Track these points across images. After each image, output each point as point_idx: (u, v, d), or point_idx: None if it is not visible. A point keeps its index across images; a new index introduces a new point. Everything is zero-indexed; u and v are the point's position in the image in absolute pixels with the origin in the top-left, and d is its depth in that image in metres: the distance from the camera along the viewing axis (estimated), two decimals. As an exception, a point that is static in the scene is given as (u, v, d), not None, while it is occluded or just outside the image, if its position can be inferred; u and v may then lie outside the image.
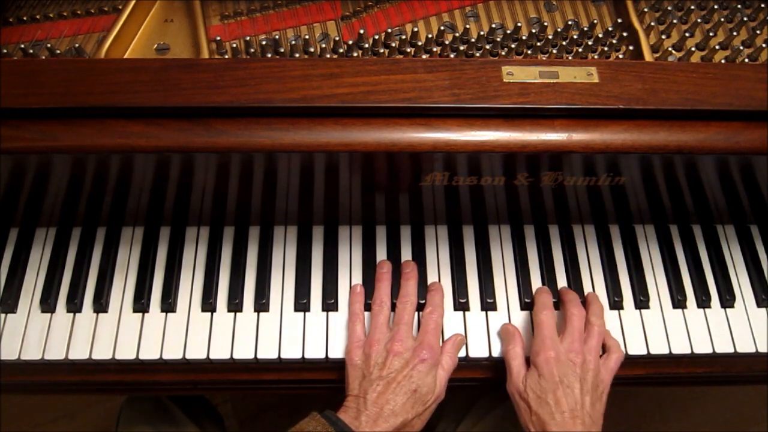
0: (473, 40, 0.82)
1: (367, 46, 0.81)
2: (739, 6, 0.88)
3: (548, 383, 0.69)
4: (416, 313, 0.79)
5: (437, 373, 0.72)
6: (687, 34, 0.84)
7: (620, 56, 0.83)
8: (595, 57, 0.83)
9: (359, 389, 0.70)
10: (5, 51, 0.79)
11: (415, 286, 0.79)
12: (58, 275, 0.81)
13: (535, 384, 0.70)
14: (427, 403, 0.71)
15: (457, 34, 0.82)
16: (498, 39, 0.81)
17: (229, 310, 0.79)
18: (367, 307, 0.79)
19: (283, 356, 0.76)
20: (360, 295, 0.80)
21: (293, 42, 0.81)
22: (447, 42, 0.81)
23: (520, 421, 0.70)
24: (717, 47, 0.83)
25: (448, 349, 0.75)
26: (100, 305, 0.78)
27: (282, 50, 0.80)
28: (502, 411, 0.90)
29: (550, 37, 0.82)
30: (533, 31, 0.84)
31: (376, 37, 0.81)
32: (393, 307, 0.78)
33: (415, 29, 0.81)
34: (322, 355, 0.77)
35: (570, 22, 0.85)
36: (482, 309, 0.81)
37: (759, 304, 0.83)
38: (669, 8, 0.86)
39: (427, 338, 0.73)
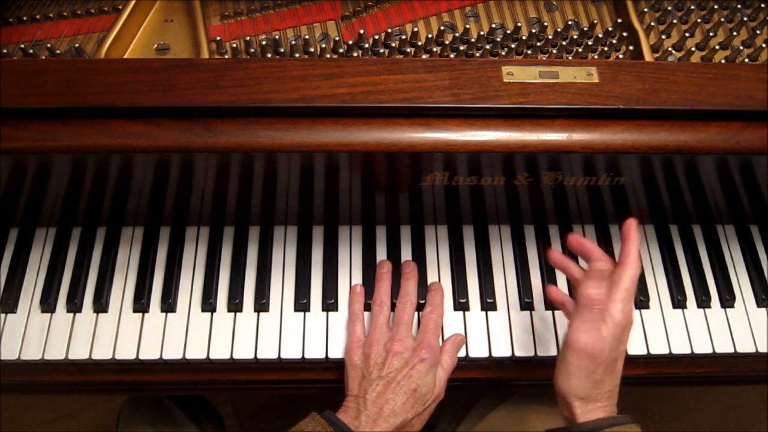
0: (473, 40, 0.82)
1: (367, 46, 0.81)
2: (739, 6, 0.88)
3: (621, 343, 0.65)
4: (416, 312, 0.79)
5: (437, 372, 0.72)
6: (687, 34, 0.84)
7: (620, 56, 0.83)
8: (595, 57, 0.83)
9: (359, 389, 0.70)
10: (5, 51, 0.79)
11: (415, 286, 0.79)
12: (58, 275, 0.81)
13: (612, 331, 0.64)
14: (426, 402, 0.71)
15: (457, 34, 0.82)
16: (498, 39, 0.81)
17: (229, 310, 0.79)
18: (367, 307, 0.79)
19: (283, 356, 0.76)
20: (360, 295, 0.80)
21: (293, 42, 0.81)
22: (447, 42, 0.81)
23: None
24: (717, 47, 0.83)
25: (447, 349, 0.76)
26: (100, 305, 0.78)
27: (282, 50, 0.80)
28: (501, 411, 0.90)
29: (550, 37, 0.82)
30: (533, 31, 0.84)
31: (376, 37, 0.81)
32: (393, 307, 0.78)
33: (415, 29, 0.81)
34: (322, 355, 0.77)
35: (570, 22, 0.85)
36: (482, 309, 0.81)
37: (759, 304, 0.83)
38: (669, 8, 0.86)
39: (427, 338, 0.73)
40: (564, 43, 0.83)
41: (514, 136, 0.68)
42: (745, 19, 0.85)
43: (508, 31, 0.82)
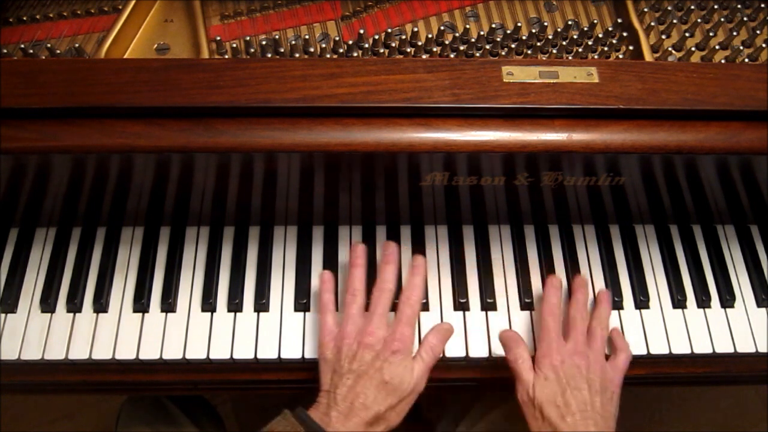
0: (473, 40, 0.82)
1: (367, 46, 0.81)
2: (739, 6, 0.88)
3: (557, 386, 0.68)
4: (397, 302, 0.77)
5: (413, 364, 0.69)
6: (687, 34, 0.84)
7: (620, 56, 0.83)
8: (595, 57, 0.83)
9: (330, 384, 0.68)
10: (5, 51, 0.79)
11: (394, 271, 0.75)
12: (58, 275, 0.81)
13: (543, 387, 0.69)
14: (402, 395, 0.68)
15: (457, 34, 0.82)
16: (498, 39, 0.81)
17: (229, 310, 0.79)
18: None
19: (283, 356, 0.76)
20: (329, 283, 0.76)
21: (293, 42, 0.81)
22: (447, 42, 0.81)
23: (530, 428, 0.69)
24: (717, 47, 0.83)
25: (430, 340, 0.72)
26: (100, 305, 0.78)
27: (282, 50, 0.80)
28: (502, 411, 0.90)
29: (550, 37, 0.82)
30: (533, 31, 0.84)
31: (376, 37, 0.81)
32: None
33: (415, 29, 0.81)
34: (322, 355, 0.77)
35: (570, 22, 0.85)
36: (482, 309, 0.81)
37: (759, 304, 0.83)
38: (669, 8, 0.86)
39: (399, 328, 0.70)
40: (564, 43, 0.83)
41: (514, 136, 0.68)
42: (745, 19, 0.85)
43: (508, 31, 0.82)
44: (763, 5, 0.87)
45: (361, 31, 0.80)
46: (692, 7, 0.88)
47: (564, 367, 0.69)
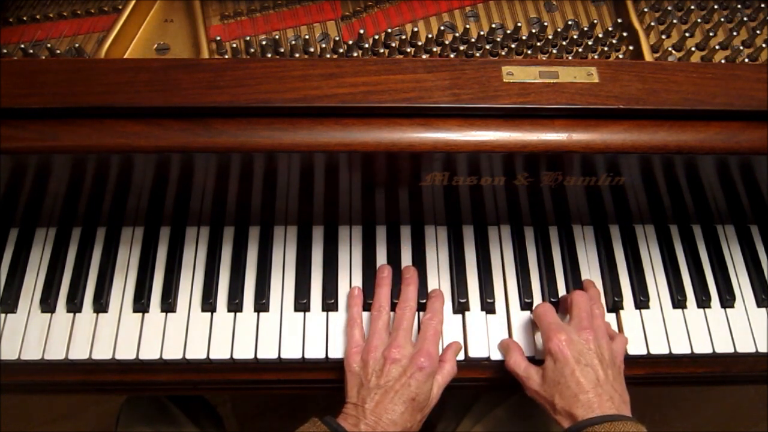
0: (473, 40, 0.82)
1: (367, 46, 0.81)
2: (739, 6, 0.88)
3: (565, 366, 0.67)
4: (418, 314, 0.78)
5: (435, 380, 0.72)
6: (687, 34, 0.84)
7: (620, 56, 0.83)
8: (595, 57, 0.83)
9: (357, 397, 0.70)
10: (5, 51, 0.79)
11: (415, 291, 0.79)
12: (58, 275, 0.81)
13: (552, 372, 0.68)
14: (424, 410, 0.71)
15: (457, 34, 0.82)
16: (498, 39, 0.81)
17: (229, 310, 0.79)
18: (367, 307, 0.79)
19: (283, 356, 0.76)
20: (358, 298, 0.79)
21: (293, 42, 0.81)
22: (447, 42, 0.81)
23: (552, 419, 0.69)
24: (717, 47, 0.83)
25: (449, 357, 0.75)
26: (100, 305, 0.78)
27: (282, 50, 0.80)
28: (502, 411, 0.90)
29: (550, 37, 0.82)
30: (533, 31, 0.84)
31: (376, 37, 0.81)
32: (393, 307, 0.78)
33: (415, 29, 0.81)
34: (322, 355, 0.77)
35: (570, 22, 0.85)
36: (482, 309, 0.81)
37: (759, 304, 0.83)
38: (669, 8, 0.86)
39: (425, 345, 0.72)
40: (564, 43, 0.83)
41: (514, 136, 0.68)
42: (745, 19, 0.85)
43: (508, 31, 0.82)
44: (763, 5, 0.87)
45: (361, 31, 0.80)
46: (692, 7, 0.88)
47: (572, 345, 0.69)
